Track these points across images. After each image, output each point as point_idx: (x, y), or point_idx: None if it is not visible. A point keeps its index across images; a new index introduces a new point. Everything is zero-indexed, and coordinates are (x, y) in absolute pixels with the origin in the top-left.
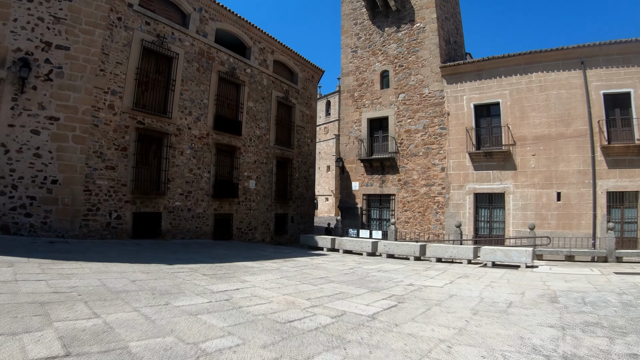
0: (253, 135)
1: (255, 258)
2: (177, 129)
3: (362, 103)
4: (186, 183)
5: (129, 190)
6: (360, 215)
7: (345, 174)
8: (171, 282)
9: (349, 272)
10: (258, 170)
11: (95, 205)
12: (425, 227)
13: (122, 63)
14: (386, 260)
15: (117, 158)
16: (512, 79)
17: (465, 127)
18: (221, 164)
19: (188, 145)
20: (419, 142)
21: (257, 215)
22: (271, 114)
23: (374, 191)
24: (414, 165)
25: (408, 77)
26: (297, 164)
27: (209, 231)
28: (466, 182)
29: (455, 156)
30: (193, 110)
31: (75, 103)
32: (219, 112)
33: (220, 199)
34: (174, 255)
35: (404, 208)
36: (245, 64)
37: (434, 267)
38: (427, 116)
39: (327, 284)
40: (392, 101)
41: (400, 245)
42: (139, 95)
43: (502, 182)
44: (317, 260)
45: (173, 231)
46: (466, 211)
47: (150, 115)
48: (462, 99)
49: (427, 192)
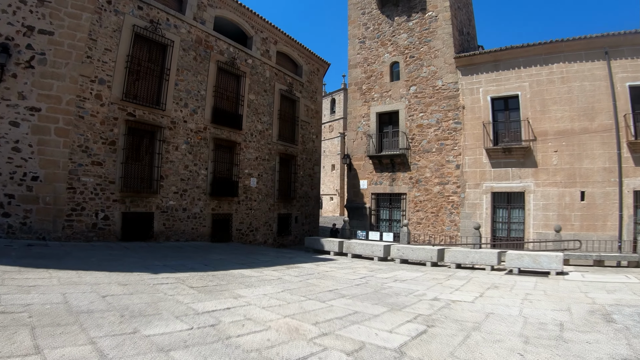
0: (254, 130)
1: (254, 264)
2: (172, 122)
3: (370, 96)
4: (181, 181)
5: (118, 189)
6: (369, 216)
7: (353, 172)
8: (149, 297)
9: (361, 282)
10: (260, 168)
11: (80, 205)
12: (439, 228)
13: (111, 50)
14: (400, 266)
15: (104, 153)
16: (532, 70)
17: (482, 121)
18: (220, 160)
19: (183, 140)
20: (432, 138)
21: (258, 215)
22: (274, 108)
23: (383, 190)
24: (426, 163)
25: (420, 68)
26: (301, 161)
27: (206, 233)
28: (483, 181)
29: (471, 152)
30: (189, 102)
31: (59, 92)
32: (217, 105)
33: (218, 198)
34: (163, 261)
35: (416, 208)
36: (247, 54)
37: (456, 275)
38: (441, 110)
39: (337, 299)
40: (403, 94)
41: (415, 250)
42: (129, 84)
43: (521, 181)
44: (324, 267)
45: (166, 233)
46: (483, 212)
47: (142, 107)
48: (478, 92)
49: (440, 191)
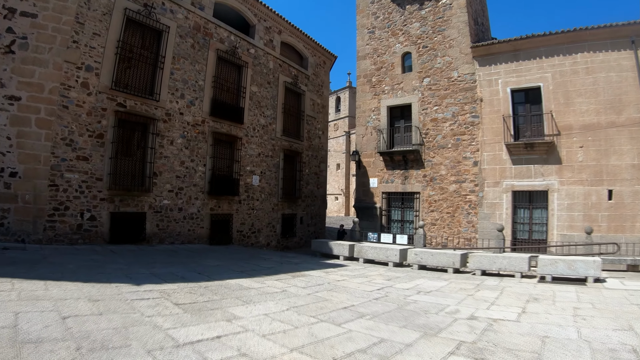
0: (257, 124)
1: (255, 272)
2: (167, 113)
3: (380, 89)
4: (177, 178)
5: (106, 186)
6: (379, 217)
7: (362, 170)
8: (121, 320)
9: (380, 295)
10: (262, 165)
11: (63, 204)
12: (455, 230)
13: (100, 34)
14: (419, 273)
15: (91, 147)
16: (554, 60)
17: (502, 114)
18: (219, 156)
19: (179, 134)
20: (448, 133)
21: (261, 215)
22: (278, 101)
23: (395, 189)
24: (441, 159)
25: (434, 59)
26: (307, 158)
27: (204, 234)
28: (503, 178)
29: (489, 148)
30: (186, 92)
31: (41, 80)
32: (217, 96)
33: (217, 197)
34: (150, 268)
35: (430, 208)
36: (249, 44)
37: (484, 284)
38: (457, 103)
39: (355, 320)
40: (416, 86)
41: (435, 255)
42: (120, 72)
43: (544, 178)
44: (335, 274)
45: (160, 235)
46: (503, 212)
47: (134, 97)
48: (496, 83)
49: (457, 190)
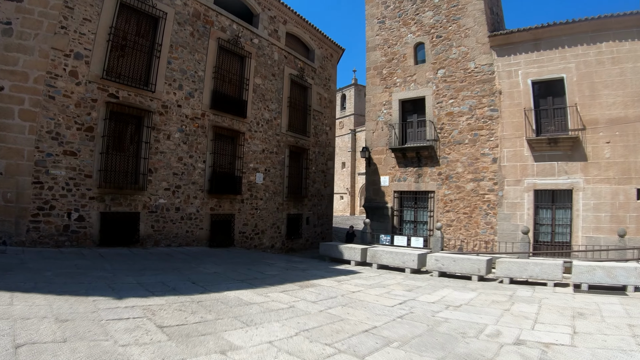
0: (261, 118)
1: (257, 281)
2: (163, 105)
3: (392, 82)
4: (174, 175)
5: (96, 184)
6: (391, 217)
7: (373, 167)
8: (87, 350)
9: (404, 311)
10: (267, 162)
11: (49, 203)
12: (472, 231)
13: (91, 20)
14: (441, 282)
15: (79, 141)
16: (578, 49)
17: (523, 107)
18: (220, 152)
19: (177, 127)
20: (464, 127)
21: (265, 215)
22: (283, 95)
23: (407, 187)
24: (458, 156)
25: (448, 49)
26: (313, 155)
27: (203, 236)
28: (524, 176)
29: (510, 144)
30: (184, 83)
31: (25, 68)
32: (218, 88)
33: (218, 196)
34: (138, 276)
35: (446, 208)
36: (252, 33)
37: (517, 294)
38: (474, 96)
39: (381, 349)
40: (430, 78)
41: (458, 260)
42: (112, 61)
43: (569, 176)
44: (348, 284)
45: (155, 236)
46: (524, 212)
47: (127, 87)
48: (516, 74)
49: (474, 189)
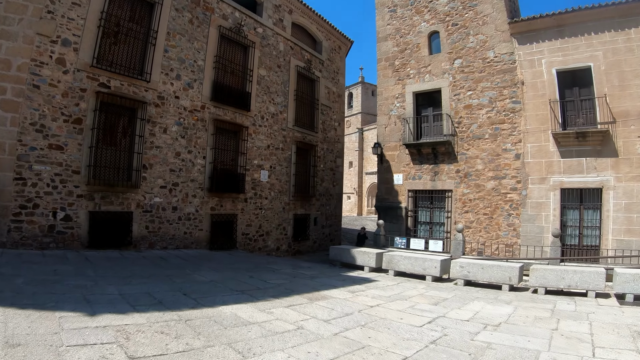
0: (266, 112)
1: (260, 292)
2: (159, 96)
3: (405, 73)
4: (171, 172)
5: (84, 180)
6: (405, 218)
7: (385, 164)
8: None
9: (437, 333)
10: (272, 158)
11: (32, 201)
12: (493, 234)
13: (80, 4)
14: (468, 291)
15: (67, 134)
16: (605, 36)
17: (548, 99)
18: (222, 147)
19: (174, 120)
20: (484, 121)
21: (270, 216)
22: (289, 87)
23: (423, 186)
24: (477, 152)
25: (465, 37)
26: (322, 152)
27: (203, 238)
28: (550, 174)
29: (534, 139)
30: (183, 73)
31: (8, 55)
32: (219, 79)
33: (219, 195)
34: (123, 284)
35: (464, 208)
36: (256, 22)
37: (558, 308)
38: (494, 87)
39: None
40: (446, 69)
41: (487, 268)
42: (103, 48)
43: (598, 174)
44: (365, 295)
45: (150, 238)
46: (549, 213)
47: (120, 76)
48: (539, 63)
49: (495, 188)
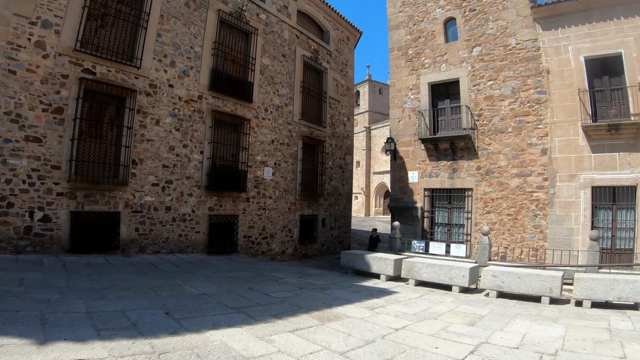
0: (270, 104)
1: (259, 311)
2: (151, 84)
3: (419, 63)
4: (164, 168)
5: (65, 177)
6: (421, 219)
7: (399, 161)
8: None
9: None
10: (277, 154)
11: (6, 199)
12: (518, 236)
13: None
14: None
15: (46, 124)
16: (636, 20)
17: (576, 88)
18: (221, 141)
19: (168, 111)
20: (507, 113)
21: (274, 217)
22: (295, 78)
23: (440, 184)
24: (500, 147)
25: (484, 24)
26: (330, 149)
27: (200, 241)
28: (580, 170)
29: (562, 132)
30: (177, 59)
31: None
32: (218, 67)
33: (219, 194)
34: (95, 299)
35: (486, 208)
36: (259, 7)
37: (614, 326)
38: (517, 76)
39: None
40: (464, 57)
41: (524, 277)
42: (89, 31)
43: (632, 170)
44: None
45: (140, 241)
46: (579, 213)
47: (106, 62)
48: (566, 50)
49: (520, 186)
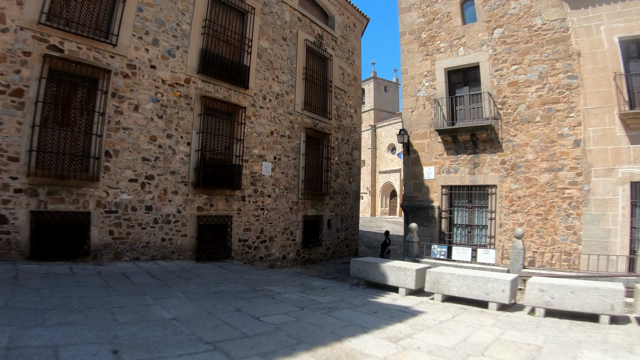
0: (269, 91)
1: (242, 347)
2: (129, 65)
3: (434, 47)
4: (143, 161)
5: (24, 170)
6: (438, 220)
7: (413, 156)
8: None
9: None
10: (277, 147)
11: None
12: (548, 239)
13: None
14: (557, 327)
15: (2, 109)
16: None
17: (612, 72)
18: (212, 132)
19: (149, 96)
20: (534, 101)
21: (274, 218)
22: (297, 64)
23: (460, 181)
24: (527, 138)
25: (506, 3)
26: (336, 143)
27: (187, 246)
28: (617, 164)
29: (596, 121)
30: (162, 38)
31: None
32: (209, 48)
33: (209, 191)
34: (23, 329)
35: (512, 208)
36: None
37: None
38: (544, 59)
39: None
40: (484, 40)
41: (579, 292)
42: (57, 3)
43: None
44: (415, 349)
45: (115, 246)
46: (618, 212)
47: (77, 37)
48: (598, 31)
49: (550, 182)
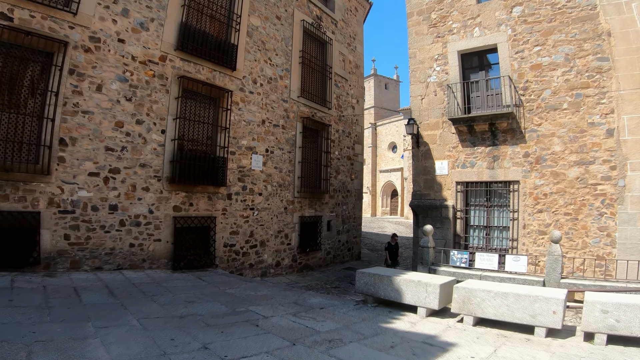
0: (260, 74)
1: None
2: (92, 37)
3: (445, 28)
4: (107, 151)
5: None
6: (452, 220)
7: (423, 149)
8: None
9: None
10: (269, 139)
11: None
12: (578, 241)
13: None
14: None
15: None
16: None
17: None
18: (192, 118)
19: (115, 74)
20: (561, 86)
21: (266, 219)
22: (293, 46)
23: (477, 176)
24: (553, 127)
25: None
26: (336, 135)
27: (161, 252)
28: None
29: (631, 107)
30: (133, 8)
31: None
32: (190, 22)
33: (188, 188)
34: None
35: (537, 206)
36: None
37: None
38: (571, 39)
39: None
40: (502, 19)
41: None
42: None
43: None
44: None
45: (73, 254)
46: None
47: (29, 4)
48: (629, 8)
49: (580, 177)
